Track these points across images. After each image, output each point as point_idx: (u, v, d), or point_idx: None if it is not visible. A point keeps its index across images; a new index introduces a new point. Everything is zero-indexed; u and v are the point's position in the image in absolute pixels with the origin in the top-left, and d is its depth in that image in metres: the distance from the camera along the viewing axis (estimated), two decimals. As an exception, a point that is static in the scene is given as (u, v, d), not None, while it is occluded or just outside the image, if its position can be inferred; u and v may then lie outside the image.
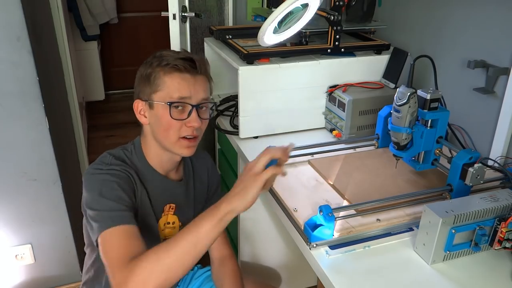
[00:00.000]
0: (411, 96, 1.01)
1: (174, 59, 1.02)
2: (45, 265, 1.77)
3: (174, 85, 1.01)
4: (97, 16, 3.55)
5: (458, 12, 1.37)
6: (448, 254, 0.92)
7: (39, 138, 1.54)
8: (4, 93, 1.44)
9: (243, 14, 2.15)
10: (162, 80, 1.01)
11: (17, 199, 1.61)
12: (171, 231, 1.18)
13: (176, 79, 1.01)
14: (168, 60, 1.01)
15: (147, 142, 1.09)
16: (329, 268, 0.90)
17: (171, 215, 1.16)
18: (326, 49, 1.48)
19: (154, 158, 1.09)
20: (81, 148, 2.31)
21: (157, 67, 1.02)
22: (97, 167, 1.01)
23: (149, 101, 1.04)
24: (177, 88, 1.01)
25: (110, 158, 1.04)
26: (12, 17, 1.36)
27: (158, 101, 1.02)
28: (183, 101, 1.01)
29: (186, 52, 1.09)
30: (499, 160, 1.18)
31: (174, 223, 1.17)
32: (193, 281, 1.34)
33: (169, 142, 1.04)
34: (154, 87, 1.02)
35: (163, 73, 1.01)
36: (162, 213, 1.13)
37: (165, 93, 1.01)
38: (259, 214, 1.65)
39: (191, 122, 1.02)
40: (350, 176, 1.19)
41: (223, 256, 1.28)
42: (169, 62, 1.01)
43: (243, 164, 1.48)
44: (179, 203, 1.16)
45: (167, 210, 1.15)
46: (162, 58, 1.02)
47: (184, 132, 1.03)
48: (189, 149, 1.05)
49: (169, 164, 1.12)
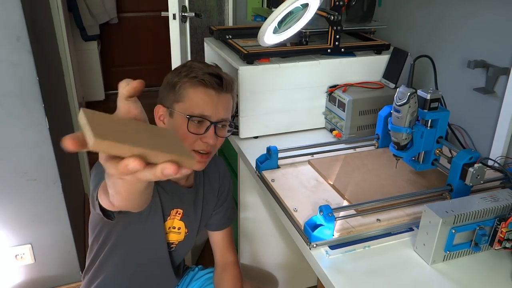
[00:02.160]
0: (411, 96, 1.01)
1: (203, 73, 1.01)
2: (45, 265, 1.77)
3: (197, 99, 1.01)
4: (97, 16, 3.55)
5: (458, 12, 1.37)
6: (448, 254, 0.92)
7: (39, 138, 1.54)
8: (4, 93, 1.44)
9: (243, 14, 2.15)
10: (187, 92, 1.01)
11: (17, 199, 1.61)
12: (176, 236, 1.18)
13: (200, 94, 1.01)
14: (196, 72, 1.01)
15: None
16: (329, 268, 0.90)
17: (177, 221, 1.16)
18: (326, 49, 1.48)
19: None
20: (81, 148, 2.30)
21: (184, 77, 1.01)
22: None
23: (170, 109, 1.03)
24: (200, 103, 1.00)
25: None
26: (12, 17, 1.36)
27: (179, 112, 1.01)
28: (203, 117, 1.01)
29: (216, 67, 1.08)
30: (499, 160, 1.18)
31: (180, 228, 1.17)
32: (192, 283, 1.34)
33: None
34: (178, 97, 1.02)
35: (189, 84, 1.01)
36: (168, 217, 1.13)
37: (187, 105, 1.01)
38: (259, 214, 1.65)
39: (206, 138, 1.01)
40: (350, 176, 1.19)
41: (226, 262, 1.28)
42: (197, 75, 1.00)
43: (243, 164, 1.48)
44: (187, 209, 1.16)
45: (174, 215, 1.15)
46: (192, 70, 1.02)
47: (198, 146, 1.02)
48: (200, 164, 1.05)
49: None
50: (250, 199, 1.61)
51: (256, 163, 1.25)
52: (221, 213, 1.26)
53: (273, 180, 1.18)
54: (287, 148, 1.26)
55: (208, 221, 1.27)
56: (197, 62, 1.05)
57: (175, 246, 1.20)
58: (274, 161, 1.23)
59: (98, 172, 0.94)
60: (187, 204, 1.16)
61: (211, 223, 1.27)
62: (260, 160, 1.24)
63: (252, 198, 1.61)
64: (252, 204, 1.62)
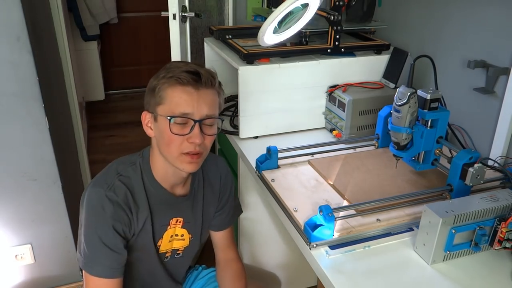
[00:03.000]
0: (411, 96, 1.01)
1: (180, 71, 0.97)
2: (45, 265, 1.77)
3: (176, 98, 0.97)
4: (97, 16, 3.55)
5: (458, 12, 1.37)
6: (448, 254, 0.92)
7: (39, 138, 1.54)
8: (4, 93, 1.44)
9: (243, 14, 2.15)
10: (166, 93, 0.98)
11: (17, 199, 1.61)
12: (181, 242, 1.17)
13: (178, 92, 0.97)
14: (173, 72, 0.98)
15: (154, 154, 1.07)
16: (329, 268, 0.90)
17: (179, 228, 1.15)
18: (326, 49, 1.48)
19: (160, 171, 1.07)
20: (81, 148, 2.31)
21: (162, 78, 0.98)
22: (98, 189, 1.00)
23: (154, 114, 1.01)
24: (179, 102, 0.97)
25: (115, 179, 1.02)
26: (12, 17, 1.36)
27: (161, 115, 0.99)
28: (185, 116, 0.97)
29: (195, 64, 1.03)
30: (499, 160, 1.18)
31: (183, 235, 1.17)
32: (196, 281, 1.34)
33: (171, 157, 1.01)
34: (158, 99, 0.99)
35: (167, 85, 0.98)
36: (168, 226, 1.12)
37: (167, 106, 0.98)
38: (259, 214, 1.65)
39: (192, 138, 0.98)
40: (350, 176, 1.19)
41: (228, 258, 1.28)
42: (174, 74, 0.97)
43: (243, 164, 1.48)
44: (186, 217, 1.15)
45: (174, 224, 1.13)
46: (169, 70, 0.99)
47: (186, 148, 0.99)
48: (191, 165, 1.01)
49: (175, 178, 1.09)
50: (250, 199, 1.61)
51: (256, 163, 1.25)
52: (224, 214, 1.25)
53: (273, 180, 1.18)
54: (287, 148, 1.26)
55: (211, 222, 1.26)
56: (176, 62, 1.02)
57: (181, 252, 1.20)
58: (274, 161, 1.23)
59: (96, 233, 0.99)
60: (185, 212, 1.14)
61: (214, 224, 1.26)
62: (260, 160, 1.24)
63: (252, 198, 1.61)
64: (252, 204, 1.62)
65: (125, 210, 1.01)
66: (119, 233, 1.01)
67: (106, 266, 1.01)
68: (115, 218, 1.00)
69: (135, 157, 1.10)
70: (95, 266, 1.01)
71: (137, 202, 1.04)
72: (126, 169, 1.06)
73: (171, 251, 1.18)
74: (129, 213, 1.02)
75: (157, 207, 1.08)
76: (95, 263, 1.01)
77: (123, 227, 1.02)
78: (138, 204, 1.04)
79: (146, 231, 1.08)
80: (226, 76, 1.81)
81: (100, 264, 1.00)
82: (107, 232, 1.00)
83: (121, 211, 1.01)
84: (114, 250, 1.01)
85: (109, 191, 1.00)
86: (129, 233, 1.04)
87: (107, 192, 1.00)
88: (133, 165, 1.07)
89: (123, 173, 1.05)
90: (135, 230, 1.05)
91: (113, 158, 1.10)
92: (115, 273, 1.02)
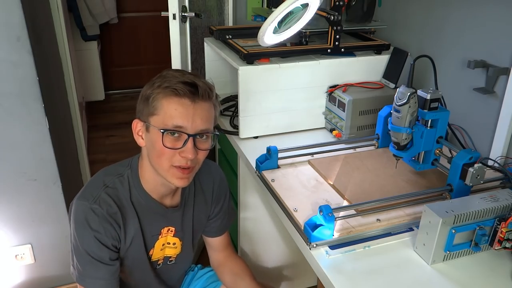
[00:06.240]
0: (411, 96, 1.01)
1: (177, 82, 0.93)
2: (45, 265, 1.77)
3: (170, 110, 0.93)
4: (97, 16, 3.55)
5: (458, 12, 1.37)
6: (448, 254, 0.92)
7: (39, 138, 1.54)
8: (4, 93, 1.44)
9: (243, 14, 2.15)
10: (160, 103, 0.93)
11: (17, 199, 1.61)
12: (173, 250, 1.17)
13: (174, 104, 0.93)
14: (170, 82, 0.93)
15: (144, 164, 1.04)
16: (329, 268, 0.90)
17: (171, 237, 1.14)
18: (326, 49, 1.48)
19: (150, 181, 1.05)
20: (81, 148, 2.31)
21: (157, 88, 0.94)
22: (83, 202, 0.98)
23: (146, 123, 0.97)
24: (174, 114, 0.93)
25: (101, 191, 1.00)
26: (12, 17, 1.36)
27: (154, 125, 0.95)
28: (179, 130, 0.94)
29: (192, 75, 0.98)
30: (499, 160, 1.18)
31: (175, 243, 1.16)
32: (194, 282, 1.33)
33: (161, 169, 0.98)
34: (152, 109, 0.95)
35: (162, 95, 0.93)
36: (159, 236, 1.11)
37: (161, 117, 0.94)
38: (259, 214, 1.65)
39: (184, 153, 0.94)
40: (350, 176, 1.19)
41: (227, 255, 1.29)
42: (170, 84, 0.93)
43: (243, 164, 1.48)
44: (177, 227, 1.14)
45: (166, 233, 1.12)
46: (165, 80, 0.94)
47: (177, 162, 0.96)
48: (181, 180, 0.98)
49: (164, 189, 1.06)
50: (250, 199, 1.61)
51: (256, 163, 1.25)
52: (219, 220, 1.23)
53: (273, 180, 1.18)
54: (287, 148, 1.26)
55: (206, 229, 1.24)
56: (173, 71, 0.98)
57: (174, 259, 1.19)
58: (274, 161, 1.23)
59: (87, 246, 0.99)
60: (176, 222, 1.13)
61: (209, 231, 1.25)
62: (260, 160, 1.24)
63: (252, 198, 1.61)
64: (252, 204, 1.62)
65: (111, 222, 0.99)
66: (106, 245, 1.00)
67: (98, 279, 1.00)
68: (100, 231, 0.98)
69: (123, 168, 1.06)
70: (86, 279, 1.01)
71: (124, 214, 1.02)
72: (113, 181, 1.03)
73: (163, 259, 1.17)
74: (115, 225, 1.01)
75: (147, 218, 1.07)
76: (86, 276, 1.00)
77: (110, 239, 1.00)
78: (125, 216, 1.02)
79: (137, 242, 1.06)
80: (226, 76, 1.82)
81: (91, 277, 1.00)
82: (93, 245, 0.98)
83: (107, 223, 0.99)
84: (103, 262, 1.00)
85: (94, 204, 0.98)
86: (118, 245, 1.03)
87: (92, 205, 0.98)
88: (120, 177, 1.04)
89: (110, 184, 1.02)
90: (125, 241, 1.04)
91: (113, 158, 1.10)
92: (108, 284, 1.01)
